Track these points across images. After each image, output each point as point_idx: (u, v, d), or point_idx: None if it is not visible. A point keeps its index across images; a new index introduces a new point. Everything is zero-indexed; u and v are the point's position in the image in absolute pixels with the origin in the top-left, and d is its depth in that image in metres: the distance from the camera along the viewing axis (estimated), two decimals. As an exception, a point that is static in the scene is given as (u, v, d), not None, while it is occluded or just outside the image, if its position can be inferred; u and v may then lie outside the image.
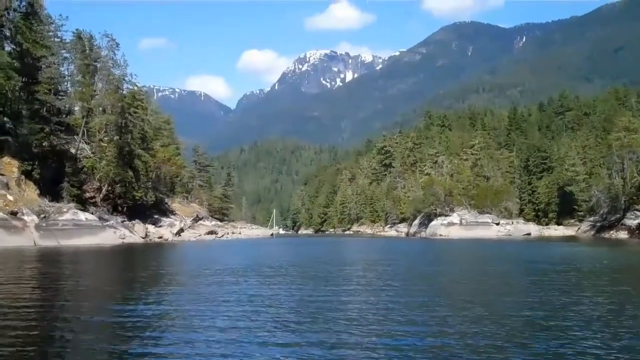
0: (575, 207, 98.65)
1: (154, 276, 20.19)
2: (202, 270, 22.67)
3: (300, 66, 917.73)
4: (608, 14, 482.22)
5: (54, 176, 53.74)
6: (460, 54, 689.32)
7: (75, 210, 47.28)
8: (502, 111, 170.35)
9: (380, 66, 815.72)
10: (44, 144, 53.12)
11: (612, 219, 76.06)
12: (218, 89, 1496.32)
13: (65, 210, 46.43)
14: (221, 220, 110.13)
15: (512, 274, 20.46)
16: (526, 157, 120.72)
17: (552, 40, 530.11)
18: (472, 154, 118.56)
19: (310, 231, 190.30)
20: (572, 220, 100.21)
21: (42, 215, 44.74)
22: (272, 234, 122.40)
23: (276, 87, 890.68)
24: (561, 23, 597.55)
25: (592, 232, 79.26)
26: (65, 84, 66.41)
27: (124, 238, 51.56)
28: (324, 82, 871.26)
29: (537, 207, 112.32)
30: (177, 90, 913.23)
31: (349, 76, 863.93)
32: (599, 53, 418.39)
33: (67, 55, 62.44)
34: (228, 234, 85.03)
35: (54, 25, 59.22)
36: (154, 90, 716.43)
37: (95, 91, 61.65)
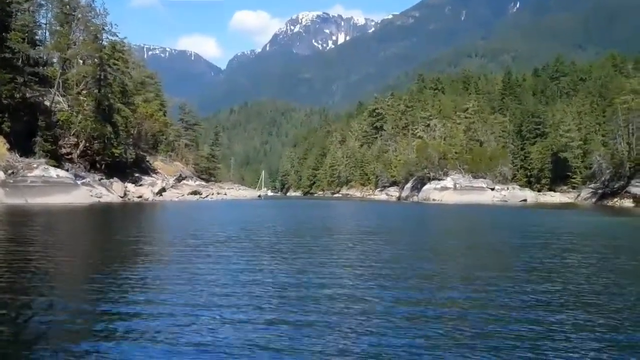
0: (570, 173, 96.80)
1: (117, 244, 17.57)
2: (173, 239, 20.06)
3: (292, 27, 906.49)
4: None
5: (27, 130, 50.54)
6: (453, 18, 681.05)
7: (46, 167, 44.17)
8: (496, 75, 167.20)
9: (373, 29, 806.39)
10: (15, 96, 49.71)
11: (615, 186, 73.44)
12: (209, 49, 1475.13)
13: (35, 165, 43.37)
14: (207, 181, 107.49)
15: (570, 249, 16.86)
16: (520, 122, 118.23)
17: (546, 6, 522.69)
18: (465, 118, 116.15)
19: (299, 193, 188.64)
20: (566, 187, 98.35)
21: (9, 171, 41.76)
22: (259, 196, 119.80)
23: (267, 48, 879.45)
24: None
25: (593, 200, 76.87)
26: (44, 33, 62.92)
27: (100, 197, 48.76)
28: (315, 44, 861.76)
29: (529, 173, 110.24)
30: (168, 49, 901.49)
31: (341, 38, 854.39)
32: (593, 21, 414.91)
33: (43, 2, 58.47)
34: (213, 194, 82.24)
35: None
36: (144, 49, 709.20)
37: (72, 41, 58.00)
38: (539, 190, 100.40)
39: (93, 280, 10.49)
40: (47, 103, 54.49)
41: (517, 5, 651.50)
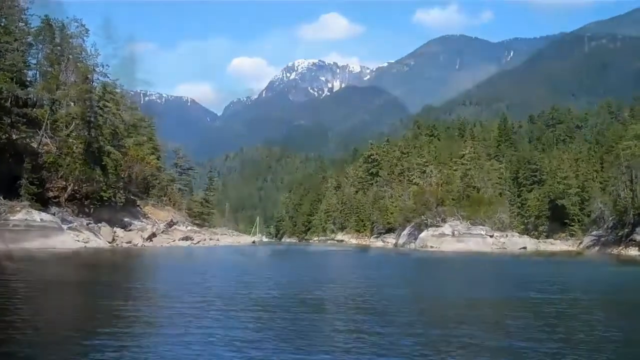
0: (567, 220, 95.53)
1: (92, 301, 15.93)
2: (159, 294, 18.38)
3: (288, 74, 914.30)
4: (596, 31, 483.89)
5: (12, 172, 48.89)
6: (447, 66, 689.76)
7: (30, 210, 42.52)
8: (492, 122, 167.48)
9: (368, 77, 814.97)
10: (1, 137, 48.26)
11: (619, 234, 71.69)
12: (205, 95, 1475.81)
13: (18, 209, 41.69)
14: (201, 226, 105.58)
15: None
16: (516, 169, 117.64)
17: (539, 55, 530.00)
18: (462, 164, 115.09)
19: (293, 239, 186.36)
20: (564, 235, 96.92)
21: (-10, 215, 40.04)
22: (253, 242, 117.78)
23: (263, 95, 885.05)
24: (549, 39, 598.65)
25: (597, 248, 75.23)
26: (34, 73, 62.01)
27: (87, 242, 46.96)
28: (311, 91, 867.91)
29: (526, 220, 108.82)
30: (164, 95, 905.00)
31: (337, 86, 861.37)
32: (586, 70, 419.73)
33: (33, 42, 57.58)
34: (205, 240, 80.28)
35: (17, 7, 54.44)
36: (141, 94, 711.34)
37: (62, 82, 56.89)
38: (536, 238, 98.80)
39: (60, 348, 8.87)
40: (35, 145, 53.04)
41: (511, 55, 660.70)
